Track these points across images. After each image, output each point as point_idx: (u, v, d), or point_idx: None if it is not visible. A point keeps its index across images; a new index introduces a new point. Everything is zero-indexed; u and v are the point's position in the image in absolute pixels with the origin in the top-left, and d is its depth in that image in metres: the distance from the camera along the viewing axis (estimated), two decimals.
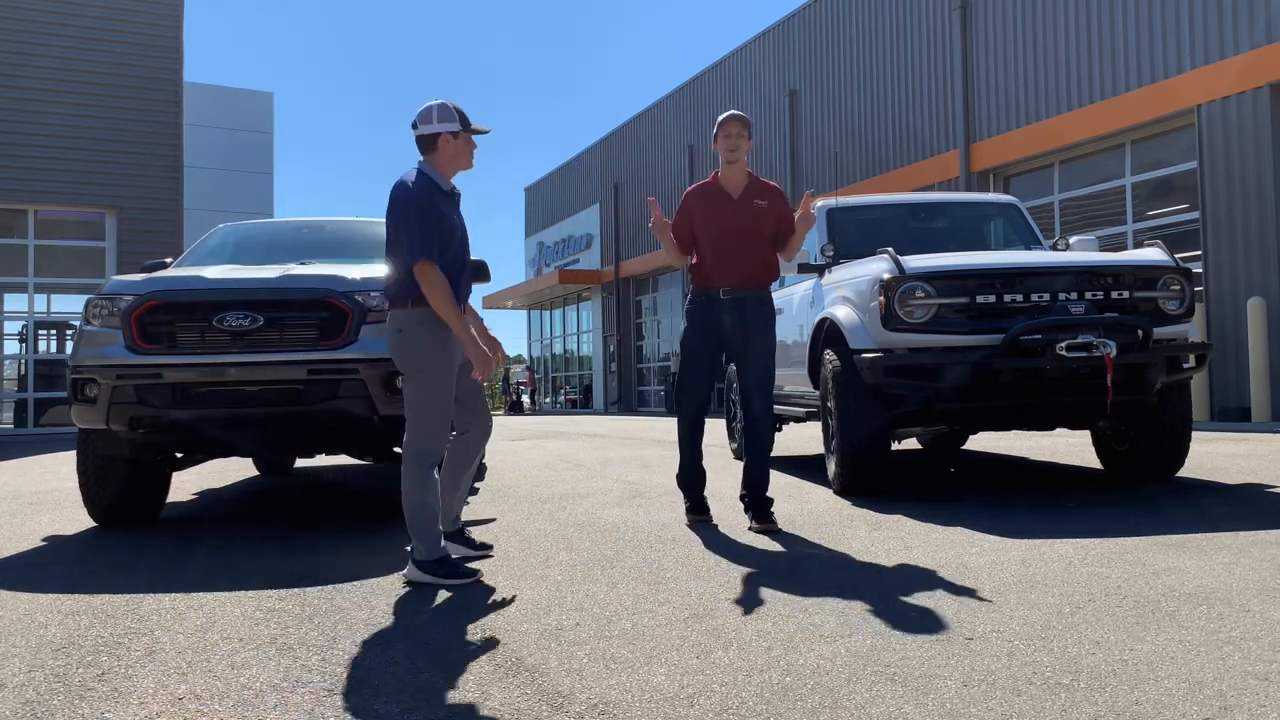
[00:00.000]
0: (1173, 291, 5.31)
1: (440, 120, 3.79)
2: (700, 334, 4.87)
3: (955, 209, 7.46)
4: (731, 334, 4.82)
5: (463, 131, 3.83)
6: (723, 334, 4.84)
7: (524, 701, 2.34)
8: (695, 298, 4.90)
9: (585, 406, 33.84)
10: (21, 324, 18.84)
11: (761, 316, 4.83)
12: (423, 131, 3.80)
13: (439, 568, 3.67)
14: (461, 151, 3.85)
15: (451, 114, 3.81)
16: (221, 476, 8.07)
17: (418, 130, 3.83)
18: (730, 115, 4.84)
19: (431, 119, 3.79)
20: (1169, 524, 4.35)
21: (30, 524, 5.59)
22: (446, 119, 3.80)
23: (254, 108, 31.45)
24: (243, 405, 4.81)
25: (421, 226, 3.63)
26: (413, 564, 3.71)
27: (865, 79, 19.26)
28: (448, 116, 3.80)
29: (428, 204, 3.67)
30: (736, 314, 4.79)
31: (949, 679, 2.38)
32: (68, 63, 17.63)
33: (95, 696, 2.47)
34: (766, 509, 4.71)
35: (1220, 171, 12.26)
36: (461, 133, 3.83)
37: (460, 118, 3.82)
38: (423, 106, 3.86)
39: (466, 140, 3.86)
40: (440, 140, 3.79)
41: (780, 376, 7.45)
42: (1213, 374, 11.97)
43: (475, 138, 3.93)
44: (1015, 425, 5.68)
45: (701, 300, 4.86)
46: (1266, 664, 2.41)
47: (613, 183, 30.96)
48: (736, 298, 4.79)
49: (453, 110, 3.82)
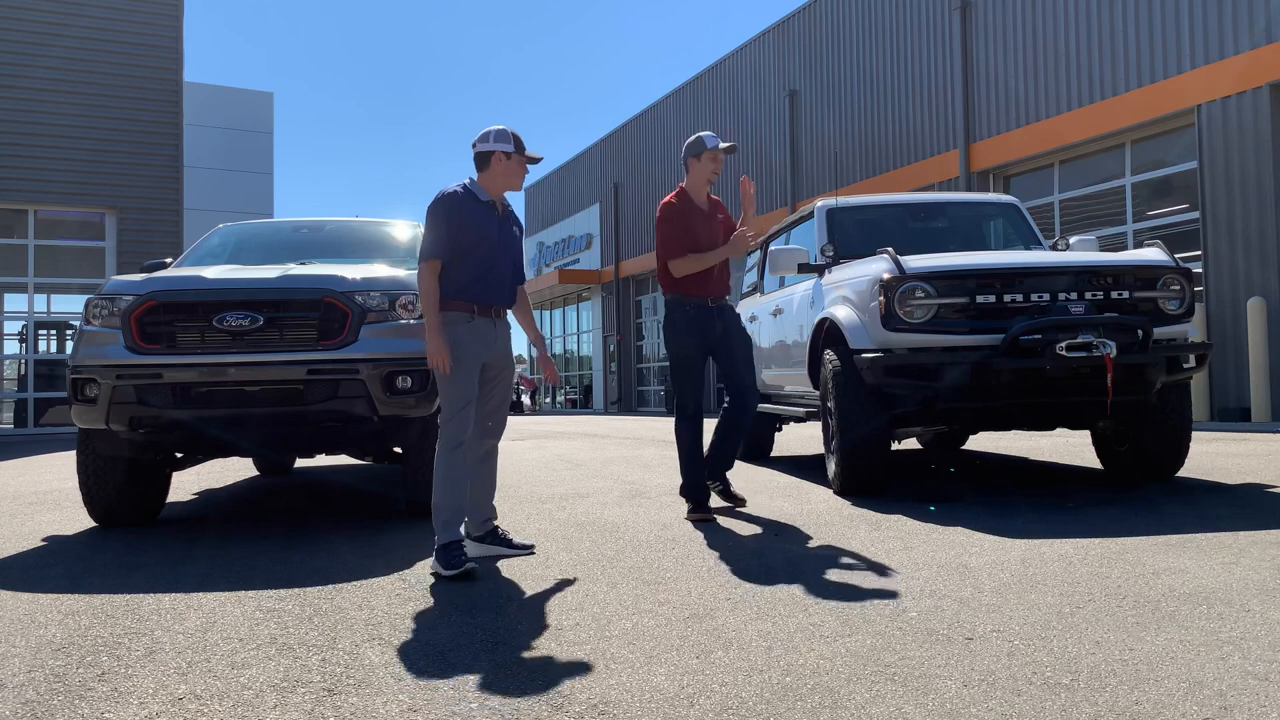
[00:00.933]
0: (1173, 291, 5.31)
1: (496, 141, 4.14)
2: (695, 340, 5.19)
3: (955, 209, 7.45)
4: (721, 339, 5.22)
5: (515, 154, 4.15)
6: (714, 338, 5.20)
7: (524, 701, 2.34)
8: (684, 307, 5.19)
9: (585, 406, 33.84)
10: (21, 324, 18.84)
11: (739, 323, 5.35)
12: (479, 149, 4.16)
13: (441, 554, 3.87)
14: (512, 172, 4.17)
15: (508, 137, 4.16)
16: (221, 476, 8.07)
17: (476, 148, 4.17)
18: (730, 145, 5.26)
19: (489, 139, 4.14)
20: (1169, 524, 4.35)
21: (30, 524, 5.59)
22: (502, 141, 4.15)
23: (254, 108, 31.43)
24: (243, 405, 4.81)
25: (433, 231, 3.99)
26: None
27: (865, 79, 19.26)
28: (504, 139, 4.15)
29: (452, 213, 4.01)
30: (723, 321, 5.22)
31: (949, 679, 2.38)
32: (68, 63, 17.63)
33: (95, 696, 2.47)
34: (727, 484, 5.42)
35: (1220, 171, 12.26)
36: (515, 155, 4.15)
37: (516, 142, 4.16)
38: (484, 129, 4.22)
39: (519, 162, 4.17)
40: (493, 158, 4.13)
41: (780, 376, 7.46)
42: (1213, 374, 11.97)
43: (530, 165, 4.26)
44: (1015, 425, 5.67)
45: (692, 309, 5.17)
46: (1266, 664, 2.41)
47: (613, 183, 30.96)
48: (720, 306, 5.25)
49: (509, 135, 4.17)
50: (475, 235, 4.03)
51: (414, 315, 5.06)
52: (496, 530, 4.30)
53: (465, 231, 4.00)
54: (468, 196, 4.09)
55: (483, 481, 4.26)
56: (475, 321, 4.03)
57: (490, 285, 4.09)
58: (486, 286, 4.07)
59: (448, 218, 4.00)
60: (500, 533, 4.30)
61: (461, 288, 4.01)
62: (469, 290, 4.02)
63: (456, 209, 4.02)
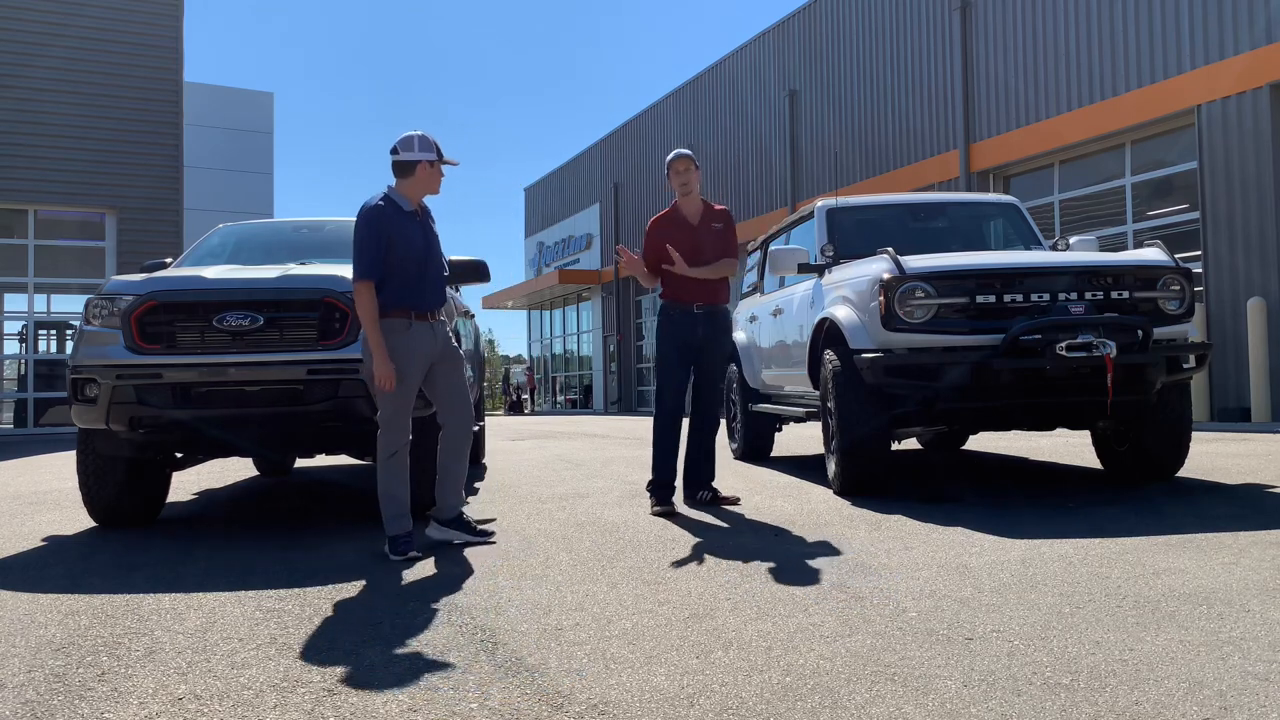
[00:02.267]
0: (1173, 291, 5.31)
1: (421, 150, 4.30)
2: (677, 344, 5.46)
3: (955, 209, 7.45)
4: (703, 343, 5.46)
5: (437, 161, 4.34)
6: (695, 343, 5.45)
7: (524, 701, 2.34)
8: (668, 311, 5.49)
9: (585, 406, 33.84)
10: (21, 324, 18.84)
11: (726, 330, 5.64)
12: (404, 158, 4.29)
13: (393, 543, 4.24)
14: (434, 178, 4.36)
15: (430, 145, 4.32)
16: (221, 476, 8.07)
17: (398, 156, 4.29)
18: (676, 154, 5.46)
19: (413, 148, 4.30)
20: (1169, 524, 4.35)
21: (30, 524, 5.59)
22: (425, 149, 4.31)
23: (254, 108, 31.40)
24: (243, 405, 4.81)
25: (362, 250, 4.15)
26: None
27: (865, 79, 19.26)
28: (427, 147, 4.32)
29: (375, 228, 4.16)
30: (708, 326, 5.45)
31: (949, 679, 2.38)
32: (68, 63, 17.62)
33: (95, 696, 2.47)
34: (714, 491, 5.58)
35: (1220, 171, 12.26)
36: (436, 162, 4.33)
37: (436, 150, 4.34)
38: (403, 135, 4.33)
39: (439, 170, 4.37)
40: (419, 167, 4.30)
41: (780, 376, 7.46)
42: (1213, 374, 11.96)
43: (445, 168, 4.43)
44: (1015, 425, 5.67)
45: (676, 313, 5.45)
46: (1266, 664, 2.41)
47: (613, 183, 30.96)
48: (708, 311, 5.45)
49: (431, 142, 4.33)
50: (404, 247, 4.20)
51: None
52: (462, 516, 4.53)
53: (394, 245, 4.18)
54: (392, 209, 4.24)
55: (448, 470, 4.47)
56: (413, 327, 4.24)
57: (423, 290, 4.29)
58: (420, 292, 4.27)
59: (378, 235, 4.15)
60: (465, 519, 4.54)
61: (397, 298, 4.20)
62: (404, 299, 4.22)
63: (385, 225, 4.18)
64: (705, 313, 5.43)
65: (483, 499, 6.16)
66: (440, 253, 4.46)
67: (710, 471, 5.62)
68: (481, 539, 4.48)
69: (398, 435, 4.27)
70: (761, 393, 8.09)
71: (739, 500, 5.55)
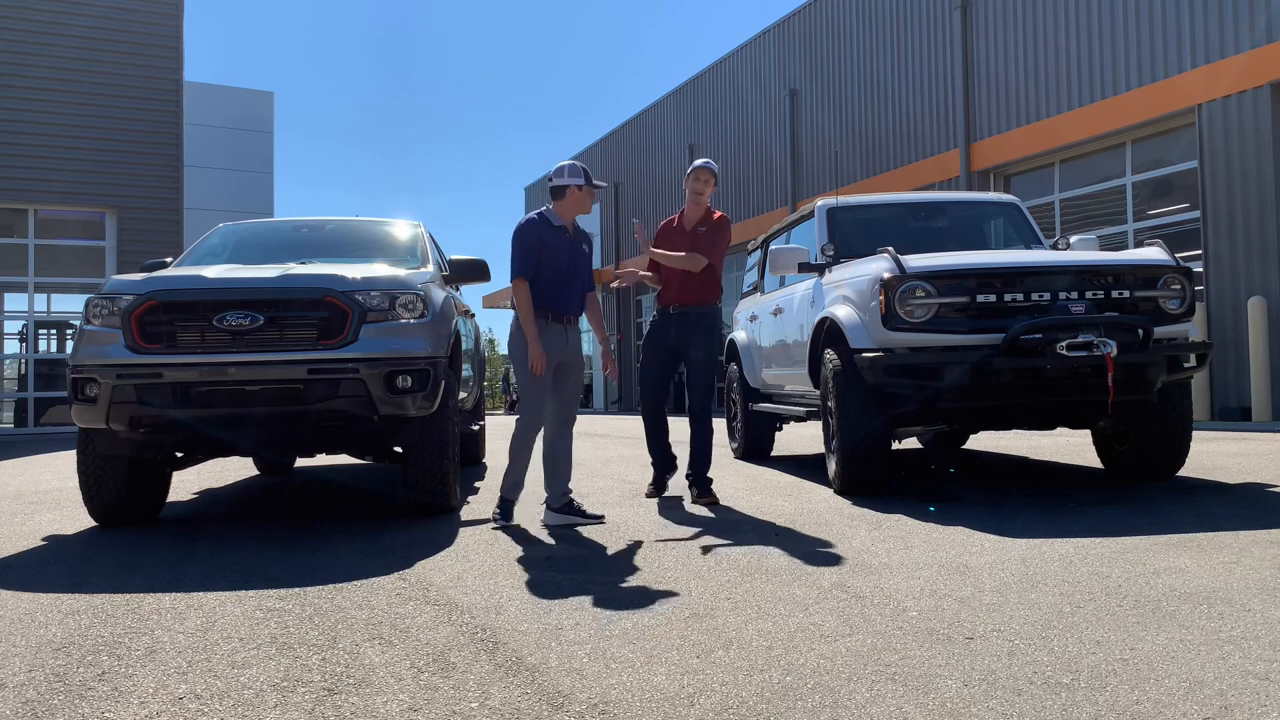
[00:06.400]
0: (1173, 291, 5.31)
1: (570, 176, 4.99)
2: (653, 343, 5.93)
3: (955, 208, 7.44)
4: (675, 343, 5.79)
5: (585, 185, 4.99)
6: (669, 343, 5.81)
7: (524, 701, 2.33)
8: (655, 311, 5.97)
9: (585, 406, 33.85)
10: (21, 324, 18.86)
11: (701, 330, 5.74)
12: (556, 183, 4.99)
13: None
14: (583, 200, 5.02)
15: (579, 172, 5.02)
16: (221, 476, 8.07)
17: (552, 182, 5.00)
18: (703, 164, 5.79)
19: (564, 174, 4.99)
20: (1169, 523, 4.35)
21: (30, 524, 5.59)
22: (575, 175, 5.00)
23: (254, 108, 31.39)
24: (243, 405, 4.81)
25: (520, 254, 4.88)
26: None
27: (866, 78, 19.25)
28: (576, 174, 5.00)
29: (529, 237, 4.89)
30: (680, 327, 5.76)
31: (949, 679, 2.37)
32: (68, 63, 17.63)
33: (95, 696, 2.47)
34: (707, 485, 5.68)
35: (1221, 171, 12.26)
36: (585, 186, 4.99)
37: (586, 175, 5.03)
38: (557, 164, 5.04)
39: (588, 192, 5.02)
40: (569, 191, 4.98)
41: (780, 376, 7.46)
42: (1213, 373, 11.97)
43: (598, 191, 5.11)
44: (1015, 425, 5.67)
45: (656, 314, 5.96)
46: (1267, 663, 2.41)
47: (613, 183, 30.95)
48: (681, 313, 5.76)
49: (581, 169, 5.03)
50: (551, 256, 4.90)
51: (414, 315, 5.07)
52: (572, 503, 5.03)
53: (543, 253, 4.88)
54: (543, 224, 4.94)
55: (558, 463, 5.01)
56: (549, 326, 4.92)
57: (563, 297, 4.97)
58: (560, 298, 4.96)
59: (530, 243, 4.87)
60: (575, 504, 5.04)
61: (539, 300, 4.88)
62: (544, 302, 4.90)
63: (536, 235, 4.89)
64: (678, 314, 5.77)
65: (484, 498, 6.16)
66: (586, 270, 5.09)
67: (701, 464, 5.73)
68: (594, 519, 4.98)
69: (528, 421, 4.97)
70: (762, 392, 8.08)
71: (717, 500, 5.59)
